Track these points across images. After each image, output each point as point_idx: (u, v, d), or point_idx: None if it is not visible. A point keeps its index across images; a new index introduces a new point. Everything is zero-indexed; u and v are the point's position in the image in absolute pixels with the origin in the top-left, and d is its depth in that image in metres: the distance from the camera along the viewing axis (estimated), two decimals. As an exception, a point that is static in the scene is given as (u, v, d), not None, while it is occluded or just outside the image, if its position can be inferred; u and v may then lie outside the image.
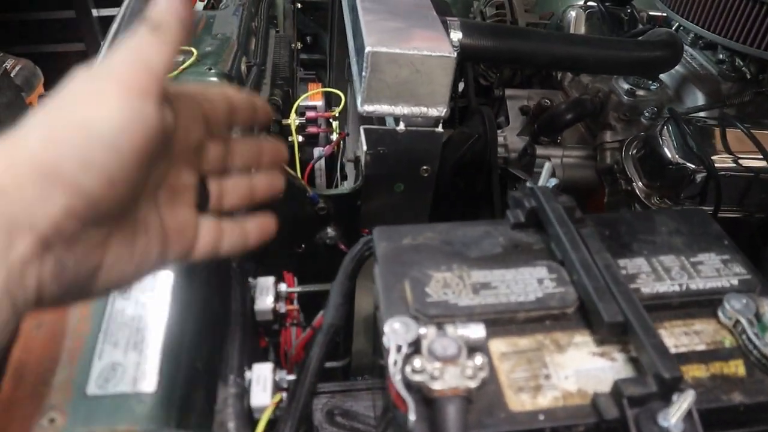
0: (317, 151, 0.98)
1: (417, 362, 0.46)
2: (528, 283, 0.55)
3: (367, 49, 0.80)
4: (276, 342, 0.64)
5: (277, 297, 0.62)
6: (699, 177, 1.06)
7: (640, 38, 1.15)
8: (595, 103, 1.22)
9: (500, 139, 1.28)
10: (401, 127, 0.85)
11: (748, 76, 1.20)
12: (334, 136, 1.01)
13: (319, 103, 0.98)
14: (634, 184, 1.12)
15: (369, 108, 0.84)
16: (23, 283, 0.34)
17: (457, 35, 0.94)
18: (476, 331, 0.50)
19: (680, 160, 1.06)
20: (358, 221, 0.84)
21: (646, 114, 1.19)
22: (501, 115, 1.39)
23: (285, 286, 0.63)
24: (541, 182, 0.63)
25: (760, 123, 1.13)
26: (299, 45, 1.30)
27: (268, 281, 0.62)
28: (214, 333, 0.54)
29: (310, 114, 0.93)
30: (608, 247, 0.60)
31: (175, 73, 0.78)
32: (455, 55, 0.81)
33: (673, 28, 1.35)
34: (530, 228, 0.63)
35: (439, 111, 0.85)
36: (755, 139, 1.06)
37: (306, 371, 0.55)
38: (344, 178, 1.03)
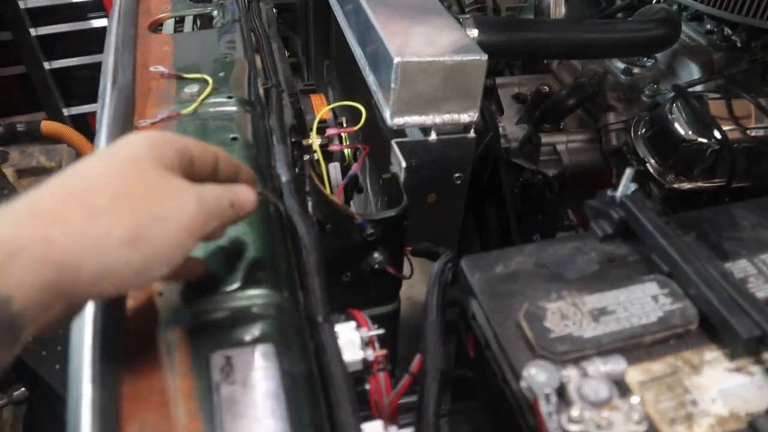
0: (332, 168, 0.92)
1: (574, 412, 0.43)
2: (644, 302, 0.52)
3: (396, 59, 0.75)
4: (362, 390, 0.59)
5: (363, 344, 0.57)
6: (711, 151, 1.06)
7: (636, 17, 1.13)
8: (593, 84, 1.20)
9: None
10: (433, 137, 0.81)
11: (739, 45, 1.20)
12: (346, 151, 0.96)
13: (329, 118, 0.93)
14: (647, 164, 1.11)
15: (399, 121, 0.79)
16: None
17: (473, 33, 0.90)
18: (617, 364, 0.46)
19: (693, 136, 1.06)
20: (404, 242, 0.79)
21: (647, 92, 1.18)
22: (492, 104, 1.36)
23: (365, 330, 0.58)
24: (621, 190, 0.60)
25: (759, 91, 1.14)
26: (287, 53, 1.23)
27: (349, 328, 0.57)
28: (321, 401, 0.49)
29: (330, 131, 0.88)
30: (693, 243, 0.57)
31: (195, 105, 0.71)
32: (486, 57, 0.77)
33: (654, 0, 1.34)
34: (617, 239, 0.60)
35: (471, 116, 0.81)
36: (765, 109, 1.06)
37: (427, 425, 0.50)
38: (359, 191, 0.98)
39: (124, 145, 0.45)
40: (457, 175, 0.86)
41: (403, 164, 0.78)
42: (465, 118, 0.81)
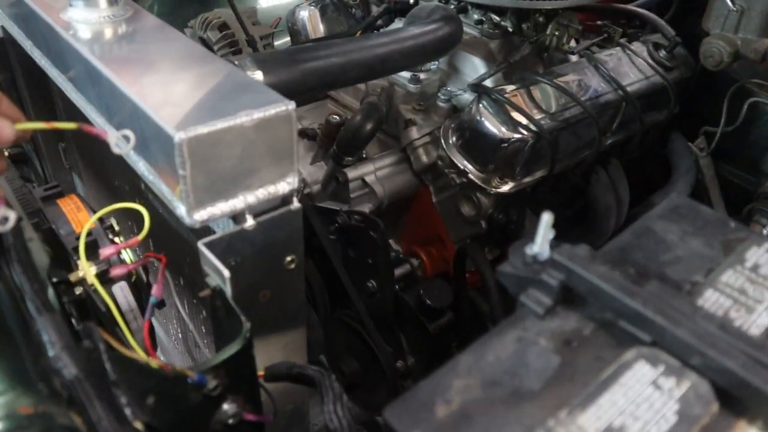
0: (119, 291, 0.67)
1: None
2: (649, 398, 0.38)
3: (177, 136, 0.53)
4: None
5: None
6: (529, 145, 0.99)
7: (413, 21, 1.02)
8: (383, 101, 1.08)
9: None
10: (250, 222, 0.60)
11: (511, 29, 1.15)
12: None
13: (95, 227, 0.67)
14: (469, 174, 1.01)
15: (202, 215, 0.57)
16: None
17: (257, 76, 0.71)
18: None
19: (509, 134, 0.97)
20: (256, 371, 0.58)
21: (441, 96, 1.08)
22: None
23: None
24: (540, 243, 0.45)
25: (549, 72, 1.09)
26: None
27: None
28: None
29: (105, 251, 0.62)
30: (660, 291, 0.45)
31: None
32: (294, 104, 0.59)
33: (412, 0, 1.25)
34: (555, 308, 0.45)
35: (290, 183, 0.62)
36: (566, 90, 1.01)
37: None
38: (159, 306, 0.73)
39: None
40: (289, 258, 0.66)
41: (226, 274, 0.57)
42: (284, 187, 0.62)
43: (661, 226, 0.52)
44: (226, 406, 0.54)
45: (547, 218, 0.45)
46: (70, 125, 0.56)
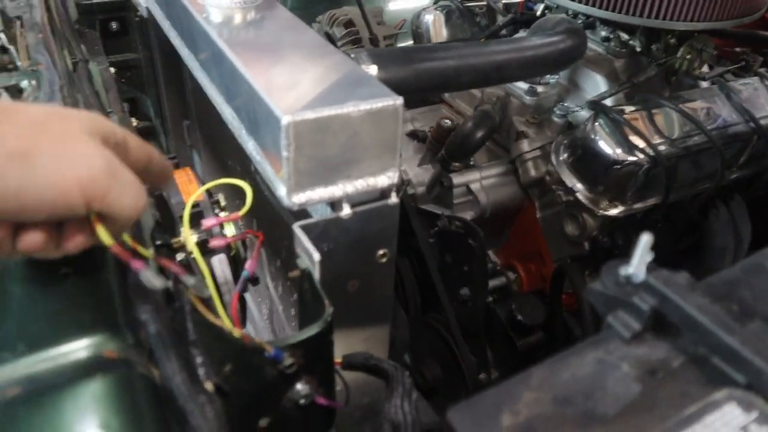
0: (217, 262, 0.70)
1: None
2: (736, 441, 0.35)
3: (285, 119, 0.55)
4: None
5: None
6: (643, 170, 0.94)
7: (536, 32, 1.01)
8: (497, 111, 1.06)
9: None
10: (347, 211, 0.61)
11: (639, 49, 1.11)
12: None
13: (203, 199, 0.71)
14: (577, 193, 0.97)
15: (300, 198, 0.59)
16: None
17: (371, 70, 0.72)
18: None
19: (623, 157, 0.93)
20: (333, 357, 0.59)
21: (557, 111, 1.06)
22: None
23: None
24: (636, 265, 0.43)
25: (675, 96, 1.04)
26: (135, 122, 0.99)
27: None
28: None
29: (207, 222, 0.66)
30: (763, 332, 0.42)
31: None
32: (402, 100, 0.59)
33: (539, 12, 1.22)
34: (647, 333, 0.43)
35: (391, 177, 0.62)
36: (691, 116, 0.96)
37: None
38: (254, 282, 0.76)
39: (66, 108, 0.48)
40: (381, 252, 0.66)
41: (316, 257, 0.58)
42: (383, 180, 0.62)
43: (775, 265, 0.49)
44: (299, 386, 0.55)
45: (646, 239, 0.43)
46: (108, 240, 0.49)
